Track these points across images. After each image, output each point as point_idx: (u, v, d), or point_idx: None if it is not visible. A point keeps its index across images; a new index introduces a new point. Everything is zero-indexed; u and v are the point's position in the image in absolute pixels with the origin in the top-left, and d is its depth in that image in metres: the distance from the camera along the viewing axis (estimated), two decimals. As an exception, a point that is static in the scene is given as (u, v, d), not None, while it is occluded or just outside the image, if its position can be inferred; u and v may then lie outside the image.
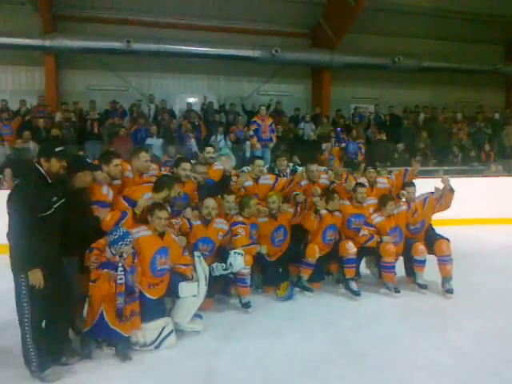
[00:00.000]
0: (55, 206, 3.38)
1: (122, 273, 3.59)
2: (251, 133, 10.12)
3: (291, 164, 6.55)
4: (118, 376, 3.54)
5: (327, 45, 13.78)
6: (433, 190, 5.67)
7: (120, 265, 3.61)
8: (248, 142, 10.72)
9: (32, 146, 9.54)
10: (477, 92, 15.63)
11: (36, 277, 3.24)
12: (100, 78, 12.96)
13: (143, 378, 3.52)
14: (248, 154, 10.65)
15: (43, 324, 3.45)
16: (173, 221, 4.81)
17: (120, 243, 3.64)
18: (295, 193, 5.64)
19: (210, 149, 5.96)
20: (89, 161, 3.84)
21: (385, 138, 12.08)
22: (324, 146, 10.98)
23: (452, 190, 5.53)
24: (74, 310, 3.85)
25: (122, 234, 3.68)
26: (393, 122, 13.21)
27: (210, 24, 13.19)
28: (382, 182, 5.98)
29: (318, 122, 12.53)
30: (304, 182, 5.81)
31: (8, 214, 3.28)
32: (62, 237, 3.52)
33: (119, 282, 3.57)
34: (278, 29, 13.97)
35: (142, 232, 4.04)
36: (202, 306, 4.67)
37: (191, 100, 13.23)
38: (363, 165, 6.53)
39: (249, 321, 4.66)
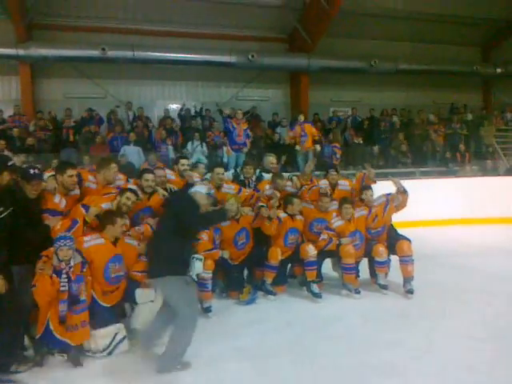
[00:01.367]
0: (1, 216, 3.42)
1: (66, 280, 3.62)
2: None
3: (257, 170, 6.63)
4: (67, 382, 3.57)
5: (304, 49, 13.94)
6: (390, 192, 5.74)
7: (64, 271, 3.63)
8: (224, 148, 10.81)
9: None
10: (454, 93, 15.82)
11: None
12: (77, 86, 12.98)
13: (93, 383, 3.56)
14: (225, 160, 10.74)
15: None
16: (135, 227, 4.87)
17: (58, 243, 3.65)
18: (260, 205, 5.65)
19: (184, 161, 5.93)
20: (31, 171, 3.85)
21: (361, 141, 12.22)
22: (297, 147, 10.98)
23: (405, 191, 5.62)
24: (27, 317, 3.86)
25: (63, 235, 3.71)
26: (371, 125, 13.36)
27: (186, 30, 13.29)
28: (344, 184, 6.07)
29: (295, 126, 12.61)
30: (269, 192, 5.79)
31: None
32: (11, 245, 3.56)
33: (62, 289, 3.60)
34: (254, 34, 14.13)
35: (93, 241, 4.07)
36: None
37: (170, 106, 13.28)
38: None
39: (208, 325, 4.66)
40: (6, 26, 11.62)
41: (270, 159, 6.54)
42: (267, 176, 6.50)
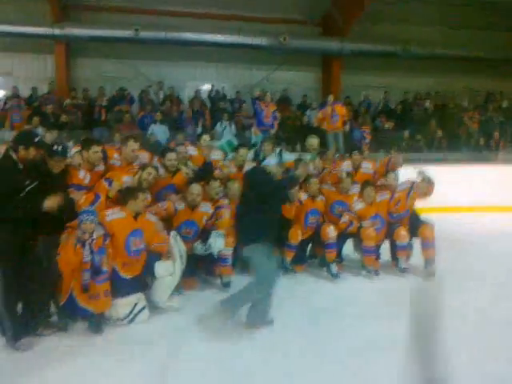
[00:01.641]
0: (27, 189, 3.57)
1: (89, 251, 3.78)
2: None
3: (278, 149, 6.61)
4: (87, 347, 3.74)
5: (337, 33, 13.72)
6: (415, 179, 5.68)
7: (87, 243, 3.78)
8: (252, 129, 10.83)
9: (41, 131, 9.81)
10: (490, 80, 15.30)
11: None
12: (111, 66, 13.17)
13: (111, 350, 3.71)
14: (253, 140, 10.76)
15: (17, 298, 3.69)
16: (159, 204, 4.99)
17: (81, 217, 3.82)
18: None
19: (205, 137, 6.18)
20: (55, 147, 3.98)
21: (391, 126, 12.05)
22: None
23: (430, 182, 5.55)
24: (53, 285, 4.02)
25: (86, 209, 3.91)
26: (403, 110, 13.16)
27: (218, 12, 13.26)
28: (366, 166, 6.05)
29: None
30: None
31: None
32: (37, 217, 3.71)
33: (85, 259, 3.76)
34: (287, 17, 13.97)
35: (115, 214, 4.20)
36: (185, 284, 4.87)
37: (201, 88, 13.34)
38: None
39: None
40: (43, 6, 11.85)
41: (312, 141, 6.28)
42: (286, 157, 6.48)
